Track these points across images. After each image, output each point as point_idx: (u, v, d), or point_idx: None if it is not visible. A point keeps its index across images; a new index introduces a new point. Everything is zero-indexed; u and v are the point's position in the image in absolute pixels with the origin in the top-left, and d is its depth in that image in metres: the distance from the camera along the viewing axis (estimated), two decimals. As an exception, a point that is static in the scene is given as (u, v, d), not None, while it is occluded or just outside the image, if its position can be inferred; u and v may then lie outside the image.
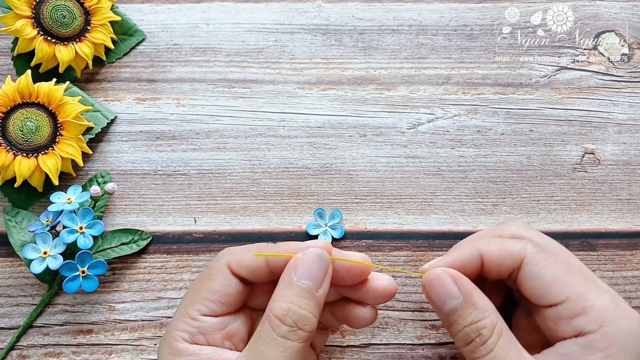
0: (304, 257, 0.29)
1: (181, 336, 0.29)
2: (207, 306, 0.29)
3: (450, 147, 0.41)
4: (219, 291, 0.30)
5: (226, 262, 0.30)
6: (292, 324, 0.27)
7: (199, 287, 0.30)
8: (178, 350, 0.29)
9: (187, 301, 0.30)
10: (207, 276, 0.30)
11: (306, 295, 0.28)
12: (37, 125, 0.37)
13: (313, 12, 0.44)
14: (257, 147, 0.41)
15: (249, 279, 0.30)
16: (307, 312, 0.27)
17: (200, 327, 0.29)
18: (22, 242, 0.37)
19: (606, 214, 0.40)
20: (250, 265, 0.30)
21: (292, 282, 0.28)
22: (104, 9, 0.41)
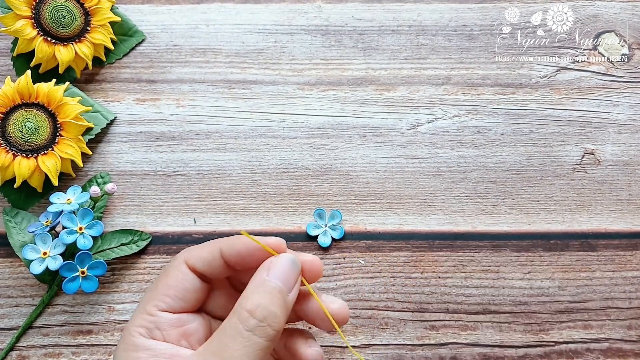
0: (278, 260, 0.29)
1: (137, 331, 0.29)
2: (163, 301, 0.29)
3: (450, 147, 0.41)
4: (175, 286, 0.30)
5: (183, 258, 0.30)
6: (262, 319, 0.27)
7: (157, 284, 0.30)
8: (133, 345, 0.28)
9: (146, 298, 0.30)
10: (165, 273, 0.31)
11: (277, 296, 0.28)
12: (36, 125, 0.37)
13: (313, 13, 0.44)
14: (257, 148, 0.41)
15: (206, 273, 0.30)
16: (277, 311, 0.27)
17: (156, 322, 0.29)
18: (21, 242, 0.37)
19: (606, 214, 0.40)
20: (207, 257, 0.30)
21: (265, 281, 0.28)
22: (104, 10, 0.41)
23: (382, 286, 0.38)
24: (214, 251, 0.30)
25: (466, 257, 0.39)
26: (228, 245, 0.30)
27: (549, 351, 0.37)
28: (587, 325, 0.38)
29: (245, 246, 0.30)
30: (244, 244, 0.30)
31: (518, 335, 0.37)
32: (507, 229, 0.39)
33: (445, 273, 0.38)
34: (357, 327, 0.37)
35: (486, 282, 0.38)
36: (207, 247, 0.31)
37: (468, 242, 0.39)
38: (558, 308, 0.38)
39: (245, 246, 0.30)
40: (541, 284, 0.38)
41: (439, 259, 0.39)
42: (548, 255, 0.39)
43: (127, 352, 0.28)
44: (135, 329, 0.29)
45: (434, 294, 0.38)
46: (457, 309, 0.38)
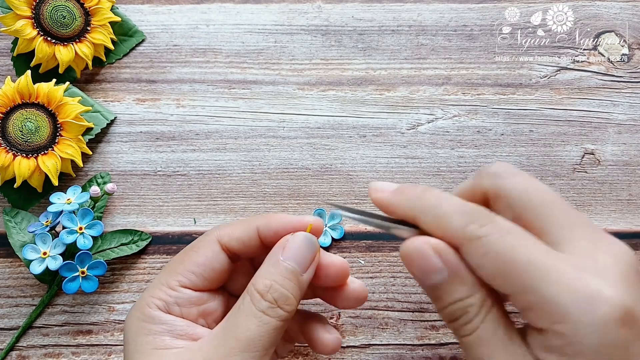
0: (293, 239, 0.28)
1: (155, 303, 0.28)
2: (188, 278, 0.29)
3: (450, 147, 0.41)
4: (204, 264, 0.29)
5: (216, 235, 0.30)
6: (273, 301, 0.27)
7: (183, 258, 0.29)
8: (150, 317, 0.28)
9: (168, 270, 0.29)
10: (194, 248, 0.30)
11: (290, 277, 0.27)
12: (36, 125, 0.37)
13: (313, 13, 0.44)
14: (257, 148, 0.41)
15: (240, 253, 0.30)
16: (288, 293, 0.27)
17: (177, 297, 0.28)
18: (21, 242, 0.37)
19: (606, 214, 0.40)
20: (242, 237, 0.29)
21: (278, 261, 0.28)
22: (104, 10, 0.41)
23: (382, 286, 0.38)
24: (250, 230, 0.29)
25: (466, 257, 0.39)
26: (264, 224, 0.29)
27: (549, 351, 0.37)
28: (587, 325, 0.38)
29: (282, 224, 0.29)
30: (282, 222, 0.29)
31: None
32: (507, 229, 0.39)
33: (445, 273, 0.38)
34: (357, 327, 0.37)
35: (486, 282, 0.38)
36: (242, 225, 0.30)
37: (468, 242, 0.39)
38: (558, 308, 0.38)
39: (282, 224, 0.29)
40: (541, 284, 0.38)
41: (439, 259, 0.39)
42: (548, 255, 0.39)
43: (142, 322, 0.28)
44: (153, 300, 0.28)
45: (434, 294, 0.38)
46: (457, 309, 0.38)
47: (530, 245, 0.24)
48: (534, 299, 0.23)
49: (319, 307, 0.37)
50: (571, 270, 0.22)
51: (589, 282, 0.22)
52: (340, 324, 0.37)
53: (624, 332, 0.22)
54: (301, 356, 0.37)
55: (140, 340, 0.27)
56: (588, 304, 0.22)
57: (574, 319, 0.22)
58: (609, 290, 0.22)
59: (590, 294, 0.22)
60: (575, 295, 0.22)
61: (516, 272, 0.23)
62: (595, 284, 0.22)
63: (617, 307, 0.21)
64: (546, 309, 0.22)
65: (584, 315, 0.21)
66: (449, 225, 0.25)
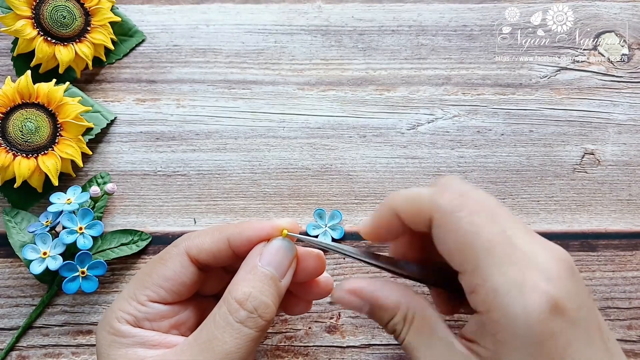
0: (270, 244, 0.28)
1: (124, 318, 0.27)
2: (157, 292, 0.28)
3: (450, 147, 0.41)
4: (172, 279, 0.28)
5: (185, 247, 0.29)
6: (252, 310, 0.26)
7: (151, 271, 0.28)
8: (119, 331, 0.27)
9: (137, 283, 0.28)
10: (162, 261, 0.29)
11: (269, 283, 0.27)
12: (36, 125, 0.37)
13: (313, 13, 0.44)
14: (257, 148, 0.41)
15: (210, 264, 0.29)
16: (268, 300, 0.26)
17: (147, 313, 0.28)
18: (21, 242, 0.37)
19: (606, 214, 0.40)
20: (212, 248, 0.28)
21: (256, 267, 0.27)
22: (104, 10, 0.41)
23: (382, 286, 0.38)
24: (219, 242, 0.28)
25: (466, 257, 0.39)
26: (236, 234, 0.28)
27: (549, 351, 0.37)
28: (587, 325, 0.37)
29: (256, 233, 0.28)
30: (255, 230, 0.28)
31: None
32: (507, 229, 0.39)
33: (445, 273, 0.38)
34: (357, 327, 0.37)
35: (486, 282, 0.38)
36: (211, 236, 0.29)
37: (468, 242, 0.39)
38: (558, 308, 0.38)
39: (257, 233, 0.28)
40: (541, 284, 0.38)
41: (439, 259, 0.39)
42: (548, 255, 0.39)
43: (112, 336, 0.27)
44: (122, 314, 0.28)
45: (434, 294, 0.38)
46: (457, 309, 0.38)
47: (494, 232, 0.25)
48: (479, 282, 0.24)
49: (319, 307, 0.37)
50: (516, 264, 0.24)
51: (527, 275, 0.24)
52: (340, 324, 0.37)
53: (552, 323, 0.23)
54: (301, 356, 0.37)
55: (113, 354, 0.27)
56: (520, 294, 0.23)
57: (506, 307, 0.23)
58: (543, 283, 0.23)
59: (525, 285, 0.23)
60: (513, 285, 0.23)
61: (473, 253, 0.24)
62: (532, 277, 0.23)
63: (547, 299, 0.23)
64: (487, 295, 0.24)
65: (515, 304, 0.23)
66: (421, 199, 0.26)
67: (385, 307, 0.27)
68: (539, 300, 0.23)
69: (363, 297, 0.28)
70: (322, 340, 0.37)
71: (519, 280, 0.23)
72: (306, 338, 0.37)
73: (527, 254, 0.25)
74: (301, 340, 0.37)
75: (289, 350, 0.37)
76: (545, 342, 0.23)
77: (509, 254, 0.24)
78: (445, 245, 0.26)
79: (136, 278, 0.29)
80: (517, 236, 0.25)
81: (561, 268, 0.24)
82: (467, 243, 0.25)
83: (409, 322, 0.27)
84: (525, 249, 0.25)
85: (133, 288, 0.28)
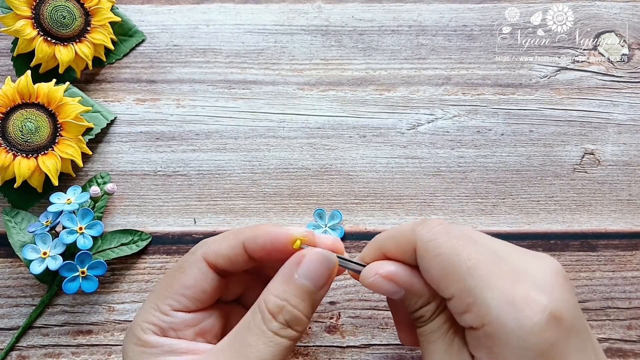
0: (309, 256, 0.27)
1: (150, 329, 0.27)
2: (179, 301, 0.28)
3: (450, 147, 0.41)
4: (193, 286, 0.28)
5: (202, 254, 0.29)
6: (284, 323, 0.26)
7: (171, 280, 0.28)
8: (147, 342, 0.27)
9: (159, 293, 0.28)
10: (181, 270, 0.29)
11: (303, 296, 0.27)
12: (36, 125, 0.37)
13: (313, 13, 0.44)
14: (257, 148, 0.41)
15: (228, 269, 0.29)
16: (301, 315, 0.26)
17: (171, 322, 0.28)
18: (21, 242, 0.37)
19: (606, 214, 0.40)
20: (229, 253, 0.28)
21: (292, 279, 0.27)
22: (104, 10, 0.41)
23: (382, 286, 0.38)
24: (235, 246, 0.28)
25: (466, 257, 0.39)
26: (251, 238, 0.28)
27: (549, 351, 0.37)
28: (587, 325, 0.38)
29: (269, 238, 0.28)
30: (269, 237, 0.28)
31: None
32: (507, 229, 0.39)
33: (445, 273, 0.38)
34: (357, 327, 0.37)
35: (486, 282, 0.38)
36: (227, 241, 0.29)
37: (468, 242, 0.39)
38: (558, 308, 0.38)
39: (270, 238, 0.28)
40: (541, 284, 0.38)
41: (439, 259, 0.39)
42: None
43: (140, 347, 0.27)
44: (147, 325, 0.27)
45: (434, 294, 0.38)
46: (457, 309, 0.38)
47: (475, 251, 0.25)
48: (471, 301, 0.25)
49: (319, 307, 0.37)
50: (506, 278, 0.25)
51: (519, 289, 0.24)
52: (340, 324, 0.37)
53: (549, 333, 0.23)
54: (301, 356, 0.37)
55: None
56: (512, 307, 0.24)
57: (499, 321, 0.24)
58: (537, 295, 0.24)
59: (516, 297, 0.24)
60: (503, 298, 0.24)
61: (457, 274, 0.25)
62: (524, 290, 0.24)
63: (542, 310, 0.23)
64: (480, 311, 0.24)
65: (509, 318, 0.23)
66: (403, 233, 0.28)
67: (421, 295, 0.28)
68: (534, 312, 0.23)
69: (399, 283, 0.28)
70: (322, 340, 0.37)
71: (509, 294, 0.24)
72: (306, 338, 0.37)
73: (517, 266, 0.25)
74: (301, 340, 0.37)
75: (289, 350, 0.36)
76: (544, 353, 0.23)
77: (497, 269, 0.25)
78: (430, 273, 0.26)
79: (156, 289, 0.29)
80: (504, 251, 0.26)
81: (554, 278, 0.25)
82: (450, 266, 0.25)
83: (438, 312, 0.27)
84: (514, 262, 0.25)
85: (155, 299, 0.28)
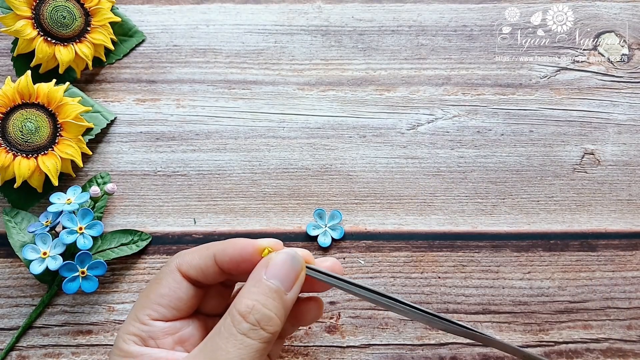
0: (276, 257, 0.28)
1: (131, 339, 0.28)
2: (156, 310, 0.29)
3: (450, 147, 0.41)
4: (169, 295, 0.29)
5: (176, 264, 0.29)
6: (255, 323, 0.26)
7: (149, 291, 0.29)
8: (128, 352, 0.28)
9: (138, 305, 0.29)
10: (157, 280, 0.30)
11: (273, 296, 0.27)
12: (36, 125, 0.37)
13: (313, 13, 0.44)
14: (257, 148, 0.41)
15: (200, 280, 0.29)
16: (271, 313, 0.27)
17: (150, 331, 0.28)
18: (21, 242, 0.37)
19: (606, 214, 0.40)
20: (200, 264, 0.29)
21: (261, 280, 0.27)
22: (104, 10, 0.41)
23: (382, 286, 0.38)
24: (206, 258, 0.29)
25: (466, 257, 0.39)
26: (220, 250, 0.29)
27: (548, 351, 0.37)
28: (587, 325, 0.38)
29: (238, 251, 0.29)
30: (237, 248, 0.29)
31: (518, 335, 0.37)
32: (507, 229, 0.39)
33: (445, 273, 0.38)
34: (357, 327, 0.37)
35: (486, 282, 0.38)
36: (199, 253, 0.30)
37: (468, 242, 0.39)
38: (558, 308, 0.38)
39: (239, 251, 0.29)
40: (541, 284, 0.38)
41: (439, 259, 0.39)
42: (548, 255, 0.39)
43: (121, 357, 0.28)
44: (127, 336, 0.28)
45: (433, 294, 0.38)
46: (457, 309, 0.38)
47: None
48: None
49: (319, 307, 0.37)
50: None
51: None
52: (340, 324, 0.37)
53: None
54: (301, 356, 0.37)
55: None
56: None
57: None
58: None
59: None
60: None
61: None
62: None
63: None
64: None
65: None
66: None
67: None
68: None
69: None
70: (322, 340, 0.37)
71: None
72: (306, 338, 0.37)
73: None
74: (301, 340, 0.37)
75: (289, 350, 0.37)
76: None
77: None
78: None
79: (137, 301, 0.30)
80: None
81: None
82: None
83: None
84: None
85: (135, 310, 0.29)
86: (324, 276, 0.29)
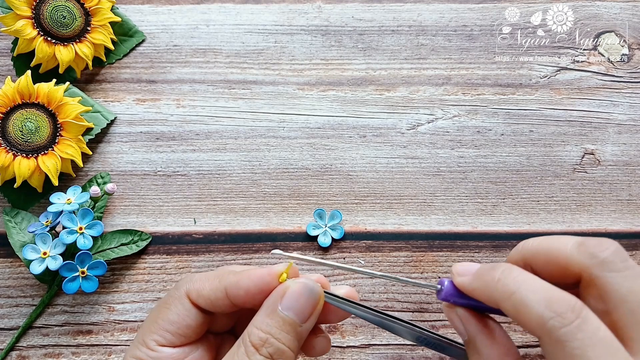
0: (293, 287, 0.27)
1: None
2: (164, 337, 0.28)
3: (450, 147, 0.41)
4: (177, 322, 0.28)
5: (185, 291, 0.28)
6: (268, 356, 0.26)
7: (156, 315, 0.28)
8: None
9: (145, 329, 0.28)
10: (166, 305, 0.28)
11: (287, 329, 0.26)
12: (36, 125, 0.37)
13: (313, 13, 0.44)
14: (257, 148, 0.41)
15: (210, 310, 0.29)
16: (284, 347, 0.26)
17: (157, 357, 0.27)
18: (21, 242, 0.37)
19: (606, 214, 0.40)
20: (210, 296, 0.28)
21: (276, 312, 0.26)
22: (104, 10, 0.41)
23: (382, 286, 0.38)
24: (217, 290, 0.28)
25: (466, 257, 0.39)
26: (233, 284, 0.28)
27: (549, 351, 0.37)
28: (587, 325, 0.37)
29: (254, 283, 0.27)
30: (253, 279, 0.27)
31: (518, 335, 0.37)
32: (507, 229, 0.39)
33: (445, 273, 0.38)
34: (357, 327, 0.37)
35: (486, 282, 0.38)
36: (210, 283, 0.28)
37: (468, 242, 0.39)
38: (558, 308, 0.38)
39: (255, 283, 0.27)
40: (541, 284, 0.38)
41: (439, 259, 0.39)
42: (548, 255, 0.39)
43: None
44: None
45: (434, 293, 0.38)
46: (457, 309, 0.38)
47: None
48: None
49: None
50: None
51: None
52: (340, 324, 0.37)
53: None
54: (301, 356, 0.37)
55: None
56: None
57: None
58: None
59: None
60: None
61: None
62: None
63: None
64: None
65: None
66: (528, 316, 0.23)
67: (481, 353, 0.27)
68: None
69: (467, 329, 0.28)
70: (322, 340, 0.37)
71: None
72: (306, 338, 0.37)
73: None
74: (301, 340, 0.37)
75: (289, 350, 0.36)
76: None
77: None
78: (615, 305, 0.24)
79: (145, 323, 0.29)
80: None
81: None
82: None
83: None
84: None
85: (142, 334, 0.28)
86: (342, 303, 0.28)
